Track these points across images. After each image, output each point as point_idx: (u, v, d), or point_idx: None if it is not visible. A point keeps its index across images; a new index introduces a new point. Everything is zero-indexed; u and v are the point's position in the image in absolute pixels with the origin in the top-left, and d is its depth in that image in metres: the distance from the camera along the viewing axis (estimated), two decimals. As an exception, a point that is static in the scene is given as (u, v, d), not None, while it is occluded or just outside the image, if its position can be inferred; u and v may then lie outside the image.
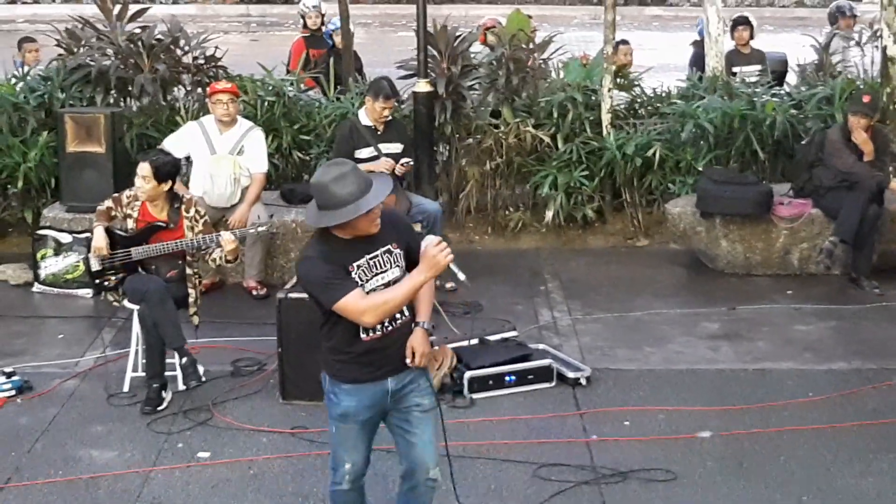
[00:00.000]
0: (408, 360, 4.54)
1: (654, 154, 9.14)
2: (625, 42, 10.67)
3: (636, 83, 10.06)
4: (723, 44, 10.38)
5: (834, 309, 7.88)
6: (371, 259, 4.47)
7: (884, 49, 9.29)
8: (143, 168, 6.47)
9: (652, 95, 9.96)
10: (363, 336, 4.49)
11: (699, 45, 10.96)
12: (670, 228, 9.12)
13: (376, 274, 4.48)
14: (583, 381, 6.67)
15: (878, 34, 9.64)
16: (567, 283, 8.48)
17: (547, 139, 9.31)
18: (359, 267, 4.44)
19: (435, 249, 4.32)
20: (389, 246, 4.51)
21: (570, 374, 6.69)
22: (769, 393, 6.59)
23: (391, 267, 4.50)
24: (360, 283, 4.42)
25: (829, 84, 9.55)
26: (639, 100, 9.93)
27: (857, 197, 8.05)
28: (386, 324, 4.50)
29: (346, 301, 4.35)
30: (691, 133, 9.22)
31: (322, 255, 4.44)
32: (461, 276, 4.48)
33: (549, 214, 9.26)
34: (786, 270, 8.51)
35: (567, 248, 9.29)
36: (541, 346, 7.08)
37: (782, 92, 9.82)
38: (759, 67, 10.70)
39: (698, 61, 10.74)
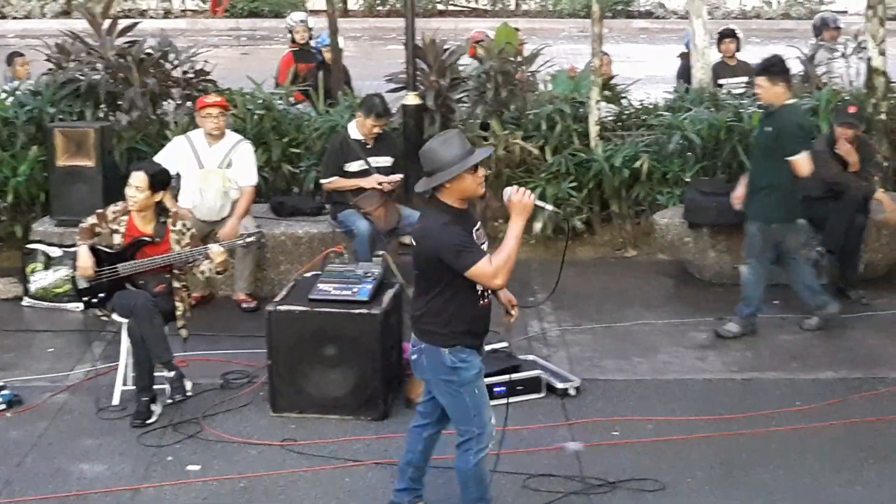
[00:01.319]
0: (511, 314, 5.16)
1: (641, 166, 9.19)
2: (604, 53, 10.72)
3: (623, 95, 10.11)
4: (709, 56, 10.47)
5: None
6: (478, 230, 4.90)
7: (869, 60, 9.36)
8: (139, 178, 6.49)
9: (639, 107, 10.01)
10: (481, 302, 4.89)
11: (686, 58, 11.03)
12: (658, 239, 9.17)
13: (483, 243, 4.89)
14: (572, 392, 6.70)
15: (863, 45, 9.70)
16: (556, 294, 8.49)
17: (535, 151, 9.35)
18: (477, 236, 4.86)
19: (517, 195, 4.79)
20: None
21: (559, 385, 6.72)
22: (757, 402, 6.64)
23: (486, 241, 4.94)
24: None
25: (815, 95, 9.61)
26: (626, 112, 9.98)
27: (843, 207, 8.10)
28: (490, 292, 4.92)
29: (480, 266, 4.73)
30: (678, 145, 9.28)
31: (452, 222, 4.79)
32: (549, 208, 5.18)
33: (537, 226, 9.28)
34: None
35: (556, 259, 9.28)
36: (530, 357, 7.10)
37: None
38: (745, 79, 10.75)
39: (685, 73, 10.81)
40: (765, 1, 22.01)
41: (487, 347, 6.95)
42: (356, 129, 8.30)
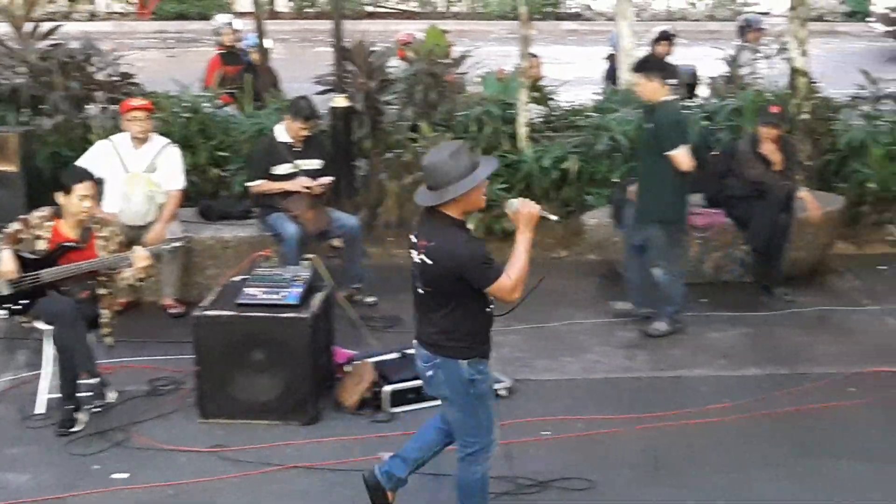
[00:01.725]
0: None
1: (570, 167, 9.24)
2: (533, 55, 10.75)
3: (551, 97, 10.16)
4: (636, 57, 10.53)
5: (747, 316, 8.03)
6: None
7: (791, 61, 9.51)
8: (88, 187, 6.39)
9: (568, 109, 10.07)
10: (488, 309, 4.89)
11: (613, 59, 11.13)
12: (587, 240, 9.22)
13: None
14: (503, 393, 6.70)
15: (786, 46, 9.86)
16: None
17: (465, 153, 9.35)
18: None
19: (525, 207, 4.79)
20: None
21: (490, 386, 6.73)
22: (685, 400, 6.70)
23: None
24: None
25: (739, 96, 9.75)
26: (555, 113, 10.03)
27: (767, 206, 8.22)
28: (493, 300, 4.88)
29: (501, 280, 4.71)
30: (606, 146, 9.35)
31: (470, 238, 4.80)
32: (553, 218, 5.02)
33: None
34: (699, 279, 8.64)
35: (487, 261, 9.32)
36: (461, 359, 7.10)
37: (694, 104, 10.00)
38: (673, 81, 10.85)
39: (612, 75, 10.91)
40: (690, 3, 22.28)
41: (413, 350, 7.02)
42: (284, 132, 8.25)
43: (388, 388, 6.49)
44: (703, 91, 10.93)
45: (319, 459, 5.92)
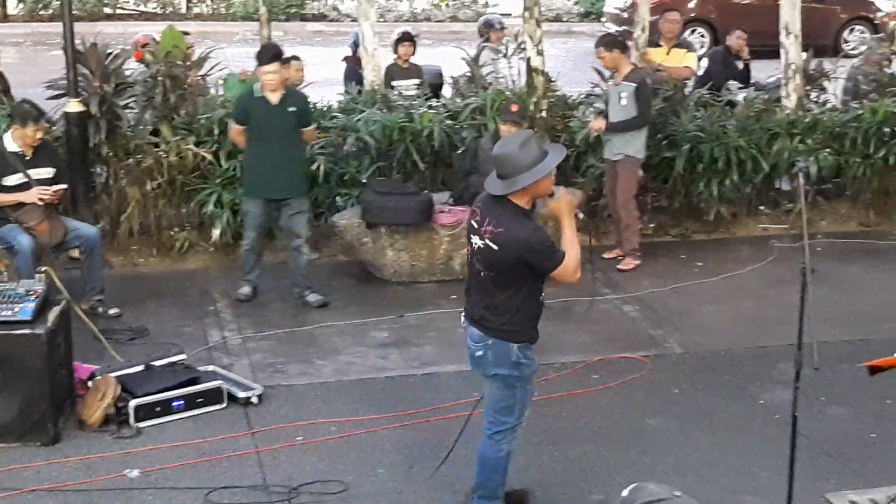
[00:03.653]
0: None
1: (318, 168, 9.19)
2: (296, 58, 10.58)
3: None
4: (379, 58, 10.61)
5: (495, 310, 8.19)
6: None
7: (528, 60, 9.79)
8: None
9: (314, 110, 9.99)
10: (542, 296, 5.13)
11: (352, 60, 11.15)
12: (338, 241, 9.21)
13: None
14: (254, 400, 6.61)
15: (523, 46, 10.13)
16: (237, 302, 8.37)
17: (209, 156, 9.16)
18: None
19: (564, 197, 5.15)
20: None
21: (241, 394, 6.62)
22: (437, 395, 6.79)
23: None
24: None
25: (481, 95, 9.95)
26: (301, 114, 9.94)
27: (510, 202, 8.41)
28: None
29: (564, 264, 4.94)
30: (353, 146, 9.35)
31: (538, 226, 5.06)
32: (579, 210, 5.37)
33: (215, 233, 9.11)
34: (449, 276, 8.77)
35: (236, 266, 9.15)
36: (210, 368, 6.95)
37: (438, 104, 10.14)
38: (417, 81, 11.00)
39: (352, 75, 10.92)
40: (434, 4, 22.62)
41: (163, 361, 6.84)
42: (12, 141, 7.81)
43: (133, 403, 6.27)
44: (447, 91, 11.11)
45: (61, 481, 5.67)
